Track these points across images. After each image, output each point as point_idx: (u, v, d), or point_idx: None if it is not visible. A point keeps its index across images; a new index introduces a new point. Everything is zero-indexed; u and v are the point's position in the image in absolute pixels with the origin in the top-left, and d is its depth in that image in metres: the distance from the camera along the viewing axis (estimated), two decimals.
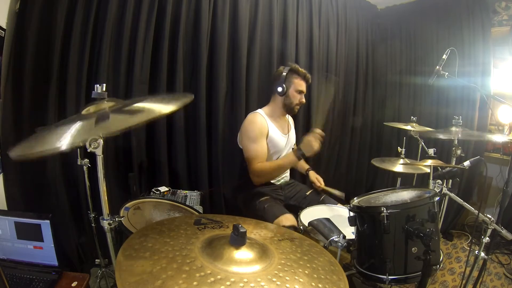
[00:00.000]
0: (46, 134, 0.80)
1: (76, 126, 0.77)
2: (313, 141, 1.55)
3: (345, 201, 1.81)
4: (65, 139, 0.70)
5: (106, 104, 0.92)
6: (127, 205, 1.28)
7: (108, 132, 0.84)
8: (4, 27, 1.47)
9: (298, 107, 1.82)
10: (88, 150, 0.90)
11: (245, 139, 1.73)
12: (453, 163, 1.80)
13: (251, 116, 1.79)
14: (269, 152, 1.76)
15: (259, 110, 1.83)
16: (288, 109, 1.81)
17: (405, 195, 1.28)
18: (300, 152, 1.58)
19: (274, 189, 1.85)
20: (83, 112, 0.90)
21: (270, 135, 1.76)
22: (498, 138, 2.01)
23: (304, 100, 1.81)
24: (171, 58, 1.99)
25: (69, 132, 0.74)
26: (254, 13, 2.31)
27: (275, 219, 1.55)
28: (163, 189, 1.77)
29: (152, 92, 1.95)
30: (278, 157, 1.82)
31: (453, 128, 1.72)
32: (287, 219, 1.55)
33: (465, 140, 2.55)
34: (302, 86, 1.78)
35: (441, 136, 1.78)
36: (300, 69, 1.79)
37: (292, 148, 1.89)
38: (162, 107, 0.88)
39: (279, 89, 1.77)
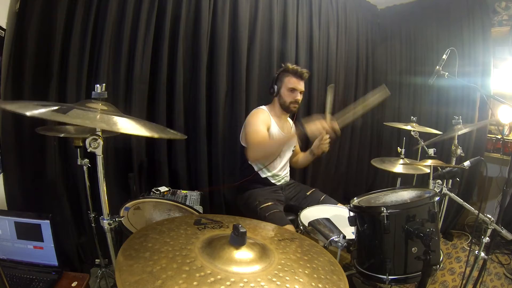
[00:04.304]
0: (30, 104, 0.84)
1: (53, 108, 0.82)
2: (322, 127, 1.40)
3: (345, 202, 1.81)
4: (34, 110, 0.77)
5: (100, 106, 0.93)
6: (127, 205, 1.28)
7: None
8: (4, 27, 1.47)
9: (294, 105, 1.80)
10: (88, 150, 0.90)
11: (247, 128, 1.74)
12: (453, 163, 1.80)
13: (254, 110, 1.82)
14: None
15: (262, 106, 1.86)
16: (284, 108, 1.82)
17: (405, 195, 1.28)
18: (302, 130, 1.45)
19: (275, 190, 1.85)
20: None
21: (271, 129, 1.77)
22: None
23: (299, 97, 1.79)
24: (171, 58, 1.99)
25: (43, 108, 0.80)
26: (254, 13, 2.31)
27: None
28: (163, 189, 1.77)
29: (152, 92, 1.95)
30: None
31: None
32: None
33: (465, 139, 2.55)
34: (294, 83, 1.76)
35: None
36: (291, 66, 1.77)
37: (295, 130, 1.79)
38: (138, 130, 0.88)
39: (271, 90, 1.81)
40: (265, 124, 1.73)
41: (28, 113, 0.71)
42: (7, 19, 1.48)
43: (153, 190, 1.74)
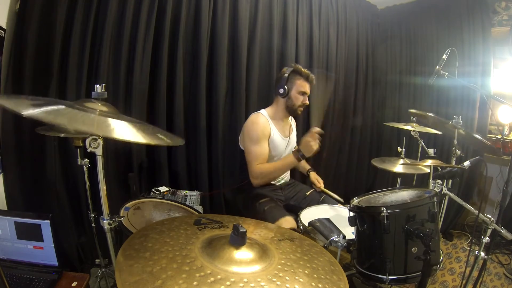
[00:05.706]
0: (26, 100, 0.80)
1: (55, 107, 0.78)
2: (311, 141, 1.54)
3: (345, 202, 1.81)
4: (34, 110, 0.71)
5: (100, 107, 0.92)
6: (127, 205, 1.28)
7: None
8: (4, 27, 1.47)
9: (301, 108, 1.79)
10: (88, 150, 0.89)
11: (246, 140, 1.72)
12: (453, 163, 1.80)
13: (253, 117, 1.77)
14: (270, 154, 1.75)
15: (262, 111, 1.80)
16: (290, 111, 1.79)
17: (405, 195, 1.28)
18: (299, 153, 1.58)
19: (274, 190, 1.85)
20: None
21: (272, 137, 1.74)
22: None
23: (307, 101, 1.78)
24: (171, 58, 1.99)
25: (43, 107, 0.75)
26: (254, 13, 2.31)
27: (274, 222, 1.53)
28: (163, 189, 1.77)
29: (152, 92, 1.95)
30: (277, 160, 1.79)
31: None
32: (287, 221, 1.54)
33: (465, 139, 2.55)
34: (305, 87, 1.75)
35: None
36: (303, 69, 1.75)
37: (293, 150, 1.78)
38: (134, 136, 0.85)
39: (281, 90, 1.74)
40: (265, 136, 1.71)
41: (24, 113, 0.68)
42: (7, 19, 1.48)
43: (153, 190, 1.74)
